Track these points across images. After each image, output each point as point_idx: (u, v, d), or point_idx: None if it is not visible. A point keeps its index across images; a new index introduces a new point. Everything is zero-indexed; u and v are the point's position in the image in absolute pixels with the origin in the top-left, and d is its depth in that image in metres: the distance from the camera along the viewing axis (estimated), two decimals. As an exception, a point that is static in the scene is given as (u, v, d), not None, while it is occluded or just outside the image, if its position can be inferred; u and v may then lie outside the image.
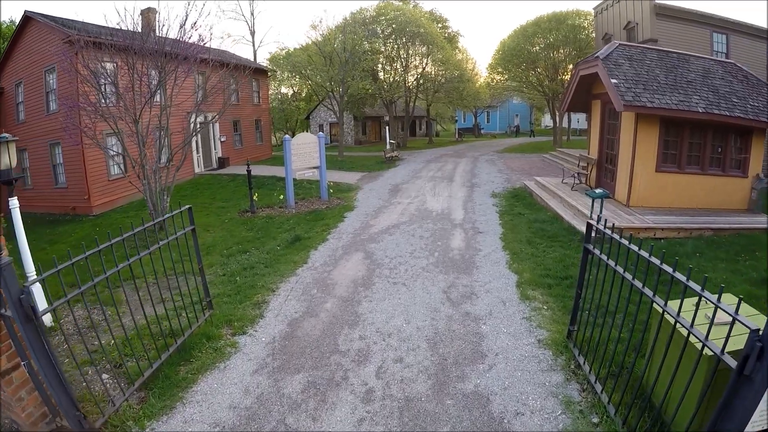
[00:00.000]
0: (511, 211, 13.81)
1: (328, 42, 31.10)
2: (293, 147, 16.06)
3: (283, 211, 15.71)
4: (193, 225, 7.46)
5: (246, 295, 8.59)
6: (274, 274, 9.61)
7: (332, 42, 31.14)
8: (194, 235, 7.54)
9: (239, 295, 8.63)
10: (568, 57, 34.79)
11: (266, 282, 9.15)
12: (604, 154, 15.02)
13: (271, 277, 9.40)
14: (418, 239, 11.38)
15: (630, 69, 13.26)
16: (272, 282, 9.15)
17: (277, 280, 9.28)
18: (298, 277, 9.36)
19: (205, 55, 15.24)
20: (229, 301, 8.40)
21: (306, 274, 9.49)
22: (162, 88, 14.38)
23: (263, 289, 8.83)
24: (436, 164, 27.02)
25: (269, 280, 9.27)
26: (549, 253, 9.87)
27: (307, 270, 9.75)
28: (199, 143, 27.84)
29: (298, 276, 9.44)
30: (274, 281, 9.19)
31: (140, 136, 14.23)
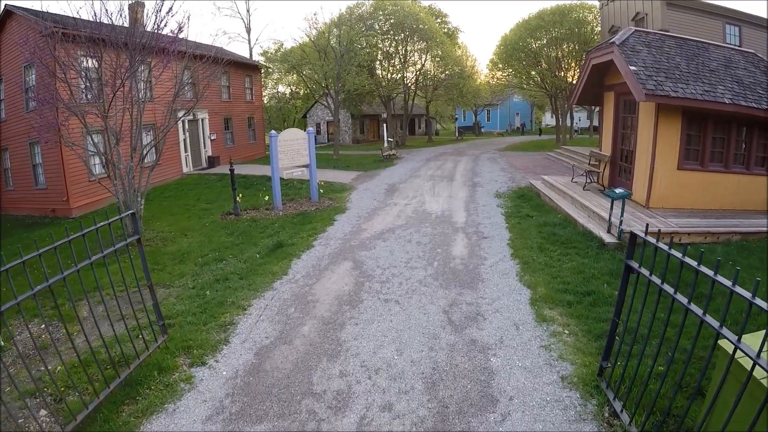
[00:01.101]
0: (517, 213, 12.52)
1: (322, 35, 29.80)
2: (280, 144, 14.78)
3: (268, 214, 14.44)
4: (138, 235, 6.16)
5: (213, 314, 7.35)
6: (249, 287, 8.35)
7: (326, 36, 29.82)
8: (140, 247, 6.26)
9: (205, 314, 7.40)
10: (572, 52, 33.50)
11: (238, 298, 7.89)
12: (618, 151, 13.74)
13: (245, 292, 8.15)
14: (415, 246, 10.10)
15: (649, 56, 11.98)
16: (245, 298, 7.89)
17: (250, 295, 8.02)
18: (274, 293, 8.08)
19: (181, 46, 13.89)
20: (193, 321, 7.16)
21: (284, 289, 8.22)
22: (133, 80, 13.06)
23: (233, 306, 7.58)
24: (436, 162, 25.73)
25: (242, 295, 8.02)
26: (564, 262, 8.58)
27: (286, 283, 8.47)
28: (188, 142, 26.55)
29: (275, 291, 8.17)
30: (247, 297, 7.94)
31: (109, 132, 12.94)
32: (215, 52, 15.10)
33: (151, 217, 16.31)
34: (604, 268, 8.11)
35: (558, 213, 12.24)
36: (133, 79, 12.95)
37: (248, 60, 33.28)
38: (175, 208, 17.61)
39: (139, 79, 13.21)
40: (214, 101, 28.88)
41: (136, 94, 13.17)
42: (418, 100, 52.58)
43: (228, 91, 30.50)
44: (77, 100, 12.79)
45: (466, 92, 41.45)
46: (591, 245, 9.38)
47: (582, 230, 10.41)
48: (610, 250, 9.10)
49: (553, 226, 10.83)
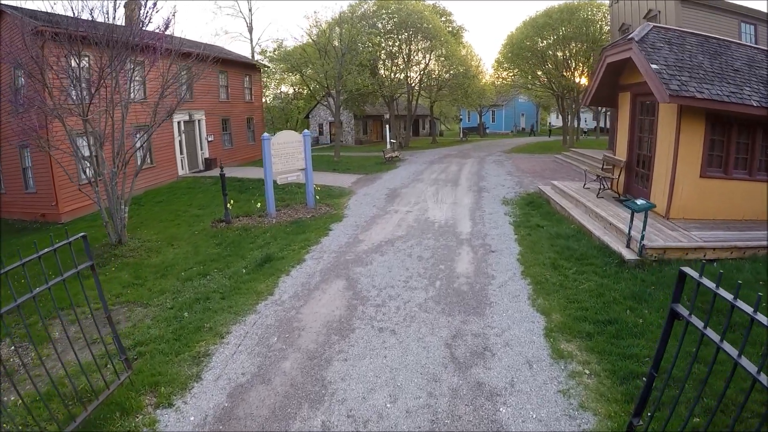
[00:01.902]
0: (527, 223, 11.63)
1: (323, 34, 28.94)
2: (273, 147, 13.93)
3: (261, 221, 13.60)
4: (91, 261, 5.27)
5: (187, 342, 6.54)
6: (230, 310, 7.52)
7: (327, 34, 28.95)
8: (95, 274, 5.37)
9: (179, 341, 6.59)
10: (579, 52, 32.52)
11: (216, 323, 7.06)
12: (634, 156, 12.82)
13: (225, 315, 7.32)
14: (416, 261, 9.22)
15: (670, 54, 11.07)
16: (224, 323, 7.07)
17: (230, 319, 7.18)
18: (257, 317, 7.24)
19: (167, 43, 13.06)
20: (166, 350, 6.36)
21: (268, 312, 7.37)
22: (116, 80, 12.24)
23: (210, 333, 6.75)
24: (440, 165, 24.83)
25: (221, 319, 7.19)
26: (581, 282, 7.70)
27: (271, 305, 7.62)
28: (183, 143, 25.74)
29: (258, 314, 7.32)
30: (227, 322, 7.11)
31: (89, 135, 12.15)
32: (203, 49, 14.16)
33: (140, 223, 15.55)
34: (626, 291, 7.23)
35: (571, 223, 11.35)
36: (115, 78, 12.13)
37: (246, 59, 32.42)
38: (166, 213, 16.81)
39: (121, 78, 12.37)
40: (212, 101, 28.10)
41: (119, 94, 12.37)
42: (422, 101, 51.71)
43: (226, 91, 29.69)
44: (56, 101, 11.95)
45: (471, 92, 40.51)
46: (609, 262, 8.49)
47: (598, 244, 9.52)
48: (630, 268, 8.22)
49: (567, 238, 9.94)
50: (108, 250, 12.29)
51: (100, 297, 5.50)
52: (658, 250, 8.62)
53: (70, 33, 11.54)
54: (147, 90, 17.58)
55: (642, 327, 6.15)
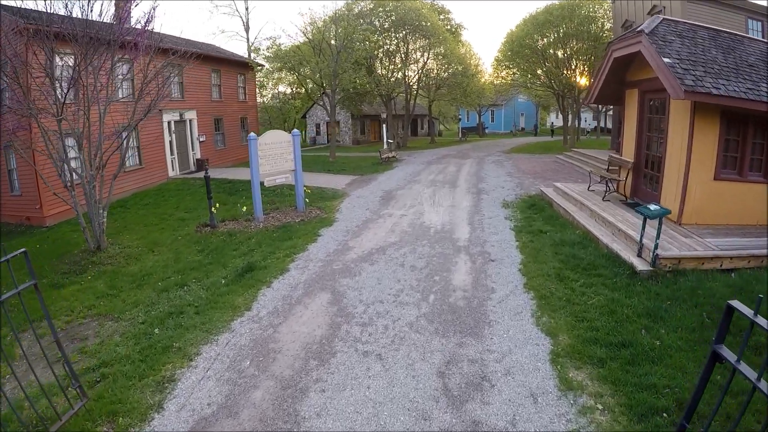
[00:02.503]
0: (529, 228, 10.90)
1: (318, 31, 28.17)
2: (261, 148, 13.21)
3: (248, 226, 12.88)
4: (34, 280, 4.53)
5: (153, 364, 5.88)
6: (202, 327, 6.83)
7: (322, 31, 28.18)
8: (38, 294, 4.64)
9: (145, 363, 5.93)
10: (581, 50, 31.74)
11: (187, 342, 6.37)
12: (642, 156, 12.09)
13: (196, 333, 6.62)
14: (408, 272, 8.48)
15: (683, 47, 10.34)
16: (194, 342, 6.37)
17: (201, 338, 6.47)
18: (231, 336, 6.52)
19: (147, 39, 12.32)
20: (130, 373, 5.70)
21: (244, 330, 6.65)
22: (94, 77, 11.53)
23: (178, 355, 6.06)
24: (438, 166, 24.09)
25: (192, 338, 6.49)
26: (589, 296, 6.97)
27: (247, 322, 6.90)
28: (174, 144, 24.99)
29: (233, 333, 6.61)
30: (198, 341, 6.41)
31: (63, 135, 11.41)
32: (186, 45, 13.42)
33: (124, 227, 14.89)
34: (639, 307, 6.50)
35: (576, 228, 10.62)
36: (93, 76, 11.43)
37: (239, 57, 31.60)
38: (151, 217, 16.10)
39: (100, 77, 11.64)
40: (204, 100, 27.37)
41: (95, 93, 11.65)
42: (420, 100, 50.93)
43: (219, 89, 28.93)
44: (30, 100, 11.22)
45: (470, 92, 39.73)
46: (619, 273, 7.76)
47: (606, 252, 8.79)
48: (642, 279, 7.49)
49: (572, 245, 9.20)
50: (86, 257, 11.64)
51: (47, 321, 4.78)
52: (672, 260, 7.89)
53: (41, 29, 10.80)
54: (128, 89, 16.84)
55: (660, 351, 5.44)
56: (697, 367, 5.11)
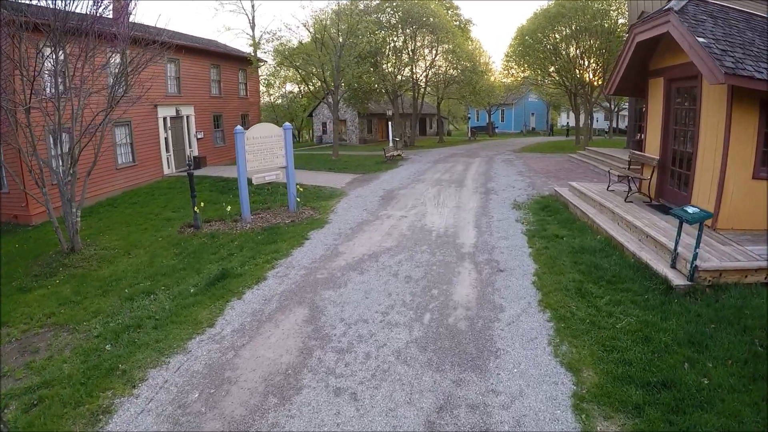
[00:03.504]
0: (542, 232, 9.67)
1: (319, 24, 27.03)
2: (248, 142, 12.09)
3: (233, 227, 11.80)
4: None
5: (93, 389, 4.94)
6: (156, 345, 5.84)
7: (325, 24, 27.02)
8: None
9: (85, 387, 5.00)
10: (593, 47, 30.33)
11: (135, 363, 5.41)
12: (669, 153, 10.82)
13: (148, 353, 5.62)
14: (402, 283, 7.29)
15: (716, 28, 9.10)
16: (143, 364, 5.40)
17: (152, 360, 5.45)
18: (185, 358, 5.44)
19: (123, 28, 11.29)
20: (67, 398, 4.84)
21: (200, 352, 5.55)
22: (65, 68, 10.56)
23: (122, 379, 5.11)
24: (445, 165, 22.85)
25: (142, 359, 5.51)
26: (617, 317, 5.75)
27: (206, 342, 5.81)
28: (170, 140, 23.96)
29: (188, 354, 5.51)
30: (147, 363, 5.42)
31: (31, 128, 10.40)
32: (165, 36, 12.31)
33: (107, 227, 13.95)
34: (679, 332, 5.30)
35: (596, 233, 9.38)
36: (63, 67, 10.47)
37: (239, 52, 30.38)
38: (136, 217, 15.11)
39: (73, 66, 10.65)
40: (202, 96, 26.35)
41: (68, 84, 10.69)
42: (428, 99, 49.67)
43: (218, 85, 27.90)
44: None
45: (479, 89, 38.40)
46: (651, 287, 6.53)
47: (633, 261, 7.55)
48: (679, 296, 6.26)
49: (593, 253, 7.96)
50: (58, 259, 10.79)
51: None
52: (712, 273, 6.65)
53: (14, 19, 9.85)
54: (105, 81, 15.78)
55: (709, 392, 4.27)
56: (755, 414, 3.96)
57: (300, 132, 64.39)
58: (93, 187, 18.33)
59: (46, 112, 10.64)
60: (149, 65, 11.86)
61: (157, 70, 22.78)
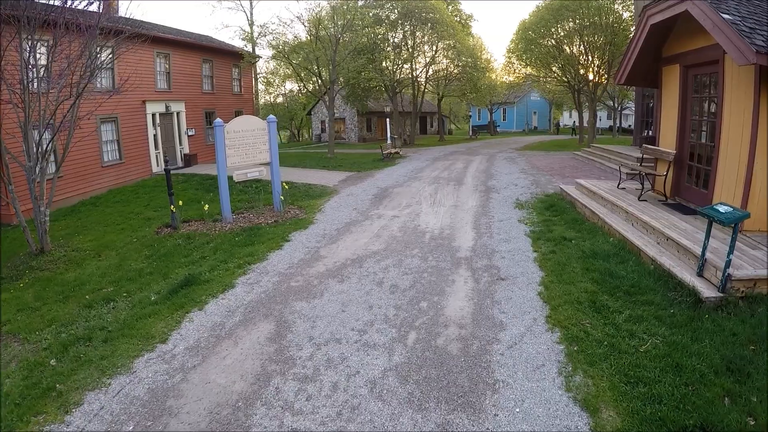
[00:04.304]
0: (548, 234, 8.70)
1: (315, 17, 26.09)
2: (228, 136, 11.19)
3: (212, 228, 10.88)
4: None
5: (24, 413, 4.28)
6: (101, 363, 5.11)
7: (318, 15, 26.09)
8: None
9: (18, 409, 4.33)
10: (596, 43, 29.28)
11: (73, 384, 4.66)
12: (686, 146, 9.86)
13: (90, 371, 4.90)
14: (387, 294, 6.34)
15: (740, 6, 8.13)
16: (82, 385, 4.65)
17: (92, 380, 4.73)
18: (128, 379, 4.64)
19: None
20: None
21: (146, 373, 4.70)
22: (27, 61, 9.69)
23: (56, 402, 4.42)
24: (444, 162, 21.87)
25: (82, 378, 4.77)
26: (641, 337, 4.80)
27: (154, 361, 4.97)
28: (159, 137, 23.01)
29: (132, 375, 4.69)
30: (87, 383, 4.67)
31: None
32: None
33: (83, 227, 13.14)
34: (714, 356, 4.37)
35: (608, 235, 8.41)
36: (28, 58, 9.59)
37: (231, 47, 29.32)
38: (115, 216, 14.25)
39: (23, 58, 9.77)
40: (193, 92, 25.43)
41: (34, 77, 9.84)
42: (429, 97, 48.65)
43: (210, 81, 26.97)
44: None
45: (480, 86, 37.35)
46: (676, 300, 5.58)
47: (653, 268, 6.59)
48: (709, 309, 5.32)
49: (606, 258, 7.00)
50: (26, 261, 10.08)
51: None
52: (746, 283, 5.69)
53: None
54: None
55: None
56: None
57: (300, 131, 63.55)
58: (77, 185, 17.51)
59: (16, 105, 9.82)
60: (123, 57, 10.99)
61: (145, 64, 21.99)
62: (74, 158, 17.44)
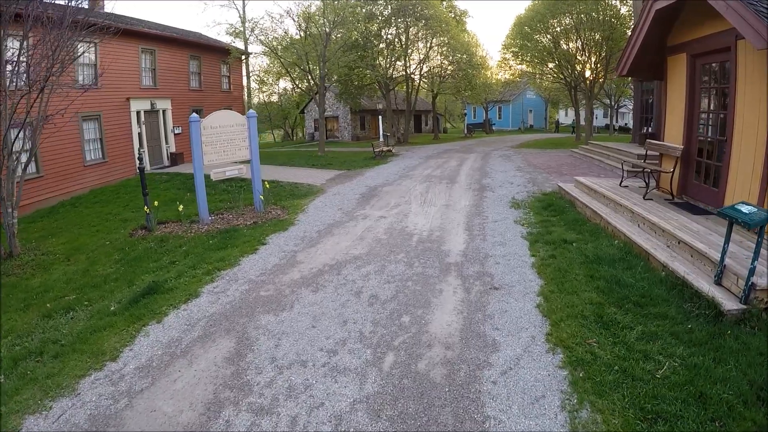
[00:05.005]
0: (547, 236, 8.00)
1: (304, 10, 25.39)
2: (205, 132, 10.46)
3: (188, 229, 10.18)
4: None
5: None
6: (45, 383, 4.54)
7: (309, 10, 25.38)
8: None
9: None
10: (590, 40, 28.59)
11: (16, 405, 4.20)
12: (694, 141, 9.18)
13: (33, 392, 4.37)
14: (365, 306, 5.62)
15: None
16: (23, 407, 4.16)
17: (34, 403, 4.21)
18: (70, 403, 4.14)
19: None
20: None
21: (89, 396, 4.12)
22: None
23: None
24: (437, 160, 21.16)
25: (24, 400, 4.27)
26: (656, 359, 4.11)
27: (101, 383, 4.39)
28: (144, 136, 22.27)
29: (75, 398, 4.14)
30: (28, 406, 4.16)
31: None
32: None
33: (58, 230, 12.53)
34: (742, 382, 3.70)
35: (612, 237, 7.72)
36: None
37: (218, 42, 28.47)
38: (93, 217, 13.57)
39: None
40: (180, 89, 24.70)
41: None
42: (423, 94, 47.90)
43: (198, 78, 26.23)
44: None
45: (476, 83, 36.60)
46: (693, 312, 4.90)
47: (664, 275, 5.89)
48: (731, 323, 4.64)
49: (611, 263, 6.30)
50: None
51: None
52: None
53: None
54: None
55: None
56: None
57: (294, 130, 62.73)
58: (58, 185, 16.87)
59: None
60: (106, 52, 10.25)
61: (129, 61, 21.24)
62: (55, 158, 16.76)
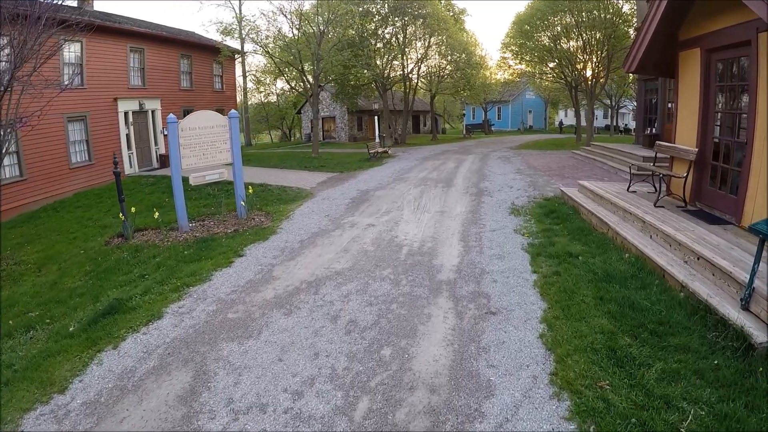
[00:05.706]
0: (550, 247, 7.28)
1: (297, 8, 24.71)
2: (183, 134, 9.79)
3: (165, 238, 9.51)
4: None
5: None
6: None
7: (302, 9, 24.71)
8: None
9: None
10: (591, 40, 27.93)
11: None
12: (708, 144, 8.48)
13: None
14: (341, 335, 4.89)
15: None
16: None
17: None
18: None
19: None
20: None
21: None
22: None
23: None
24: (434, 162, 20.46)
25: None
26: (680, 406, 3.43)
27: (45, 419, 3.92)
28: (132, 137, 21.58)
29: None
30: None
31: None
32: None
33: (36, 236, 12.04)
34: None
35: (622, 249, 7.02)
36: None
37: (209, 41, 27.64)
38: (72, 223, 12.95)
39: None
40: (170, 89, 24.02)
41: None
42: (421, 94, 47.22)
43: (189, 78, 25.55)
44: None
45: (474, 83, 35.91)
46: (719, 344, 4.21)
47: (683, 296, 5.19)
48: (761, 357, 3.96)
49: (623, 281, 5.59)
50: None
51: None
52: None
53: None
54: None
55: None
56: None
57: (291, 130, 62.15)
58: (42, 188, 16.32)
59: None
60: (92, 51, 9.60)
61: (116, 60, 20.57)
62: (39, 160, 16.15)
